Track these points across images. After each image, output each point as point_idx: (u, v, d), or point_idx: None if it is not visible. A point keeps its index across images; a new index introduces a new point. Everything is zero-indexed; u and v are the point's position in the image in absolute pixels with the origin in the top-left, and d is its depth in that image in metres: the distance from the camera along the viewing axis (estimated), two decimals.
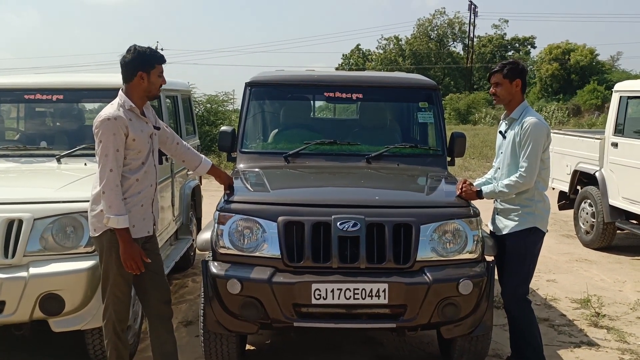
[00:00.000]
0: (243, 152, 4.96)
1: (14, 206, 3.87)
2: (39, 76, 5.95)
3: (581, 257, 7.57)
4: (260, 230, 3.70)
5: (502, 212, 4.05)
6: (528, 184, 3.86)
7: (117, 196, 3.39)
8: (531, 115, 3.92)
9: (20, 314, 3.73)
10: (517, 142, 3.90)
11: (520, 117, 3.95)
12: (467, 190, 3.98)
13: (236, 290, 3.59)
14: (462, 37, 55.84)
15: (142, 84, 3.52)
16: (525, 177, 3.83)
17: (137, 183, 3.52)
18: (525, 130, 3.85)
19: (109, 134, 3.38)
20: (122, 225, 3.39)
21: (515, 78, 3.95)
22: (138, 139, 3.49)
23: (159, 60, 3.58)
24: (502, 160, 4.04)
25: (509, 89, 3.97)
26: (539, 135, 3.85)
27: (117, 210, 3.37)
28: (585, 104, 38.20)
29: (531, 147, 3.82)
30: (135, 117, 3.52)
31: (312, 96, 5.67)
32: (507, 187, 3.90)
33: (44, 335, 4.20)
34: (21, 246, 3.76)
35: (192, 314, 5.26)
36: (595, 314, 5.39)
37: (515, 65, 4.00)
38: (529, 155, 3.83)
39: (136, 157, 3.51)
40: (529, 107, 4.01)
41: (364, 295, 3.57)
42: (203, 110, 18.23)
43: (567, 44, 43.24)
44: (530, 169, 3.83)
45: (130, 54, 3.52)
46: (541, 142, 3.86)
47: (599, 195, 7.69)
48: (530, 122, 3.85)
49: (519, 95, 4.00)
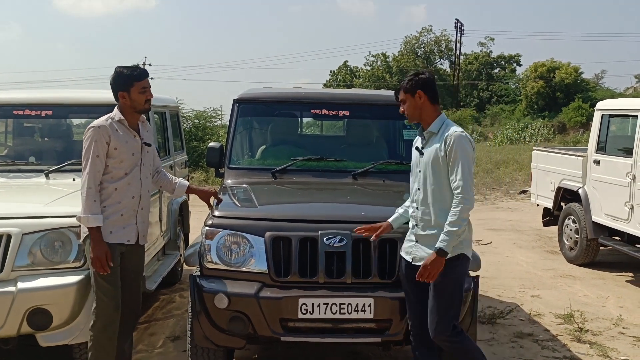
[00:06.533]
0: (231, 168, 5.01)
1: (2, 221, 3.90)
2: (28, 92, 5.99)
3: (565, 273, 7.65)
4: (248, 245, 3.75)
5: (422, 239, 3.54)
6: (471, 203, 3.42)
7: (90, 197, 3.59)
8: (453, 127, 3.53)
9: (7, 329, 3.74)
10: (440, 158, 3.48)
11: (440, 131, 3.55)
12: (381, 231, 3.67)
13: (224, 304, 3.63)
14: (448, 55, 56.29)
15: (126, 102, 3.75)
16: (467, 198, 3.39)
17: (115, 192, 3.68)
18: (450, 145, 3.44)
19: (91, 141, 3.64)
20: (91, 223, 3.59)
21: (416, 90, 3.57)
22: (120, 148, 3.68)
23: (137, 78, 3.74)
24: (422, 181, 3.58)
25: (414, 103, 3.59)
26: (467, 149, 3.47)
27: (89, 210, 3.58)
28: (570, 121, 38.62)
29: (461, 164, 3.42)
30: (123, 128, 3.73)
31: (300, 113, 5.74)
32: (455, 223, 3.37)
33: (32, 350, 4.19)
34: (9, 261, 3.79)
35: (179, 329, 5.27)
36: (579, 329, 5.46)
37: (415, 76, 3.62)
38: (462, 172, 3.41)
39: (118, 166, 3.68)
40: (448, 120, 3.62)
41: (350, 310, 3.62)
42: (191, 125, 18.27)
43: (552, 62, 43.76)
44: (468, 187, 3.41)
45: (112, 76, 3.76)
46: (470, 155, 3.49)
47: (582, 212, 7.79)
48: (455, 136, 3.46)
49: (428, 107, 3.59)
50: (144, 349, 4.87)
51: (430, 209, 3.52)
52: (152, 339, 5.08)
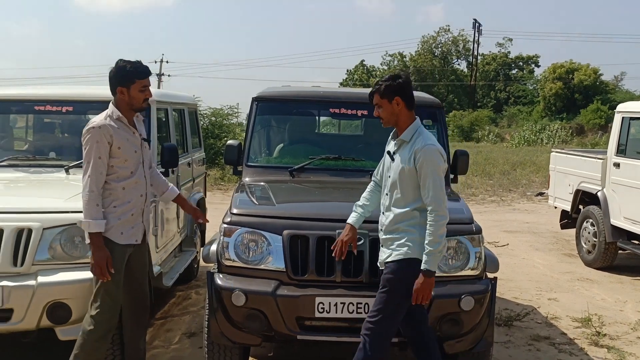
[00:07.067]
0: (249, 166, 5.03)
1: (23, 215, 3.94)
2: (49, 87, 6.03)
3: (582, 277, 7.59)
4: (265, 243, 3.76)
5: (384, 242, 3.49)
6: (445, 217, 3.31)
7: (92, 201, 3.48)
8: (424, 139, 3.38)
9: (27, 322, 3.78)
10: (407, 170, 3.37)
11: (411, 140, 3.41)
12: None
13: (241, 302, 3.64)
14: (466, 55, 56.08)
15: (124, 98, 3.62)
16: (440, 214, 3.29)
17: (124, 192, 3.60)
18: (419, 160, 3.32)
19: (93, 142, 3.51)
20: (93, 229, 3.48)
21: (393, 96, 3.41)
22: (123, 147, 3.59)
23: (140, 76, 3.61)
24: (390, 187, 3.48)
25: (390, 109, 3.43)
26: (437, 162, 3.33)
27: (91, 214, 3.47)
28: (589, 124, 38.32)
29: (432, 179, 3.30)
30: (123, 126, 3.63)
31: (317, 112, 5.74)
32: (433, 242, 3.28)
33: (50, 343, 4.23)
34: (30, 255, 3.82)
35: (195, 326, 5.30)
36: (596, 333, 5.42)
37: (392, 81, 3.43)
38: (434, 188, 3.30)
39: (123, 165, 3.60)
40: (422, 127, 3.47)
41: (366, 309, 3.61)
42: (208, 123, 18.32)
43: (571, 63, 43.46)
44: (440, 202, 3.30)
45: (113, 69, 3.61)
46: (441, 168, 3.36)
47: (600, 215, 7.72)
48: (424, 151, 3.32)
49: (404, 114, 3.44)
50: (160, 344, 4.91)
51: (392, 215, 3.45)
52: (169, 335, 5.11)
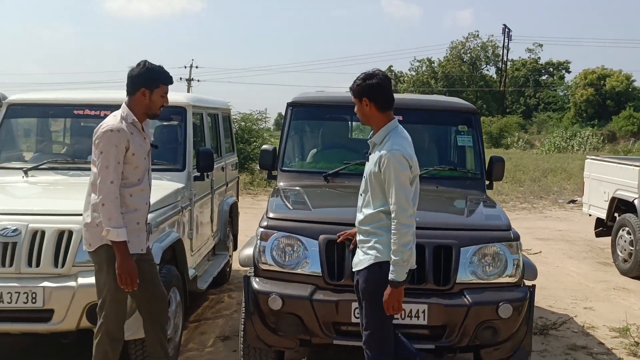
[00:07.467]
0: (284, 171, 5.05)
1: (64, 217, 4.00)
2: (87, 92, 6.14)
3: (618, 286, 7.45)
4: (302, 247, 3.77)
5: (359, 244, 3.39)
6: (407, 225, 3.15)
7: (117, 208, 3.40)
8: (392, 143, 3.23)
9: (67, 323, 3.83)
10: (374, 174, 3.26)
11: (382, 143, 3.28)
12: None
13: (277, 306, 3.65)
14: (495, 61, 55.62)
15: (144, 101, 3.54)
16: (402, 222, 3.14)
17: (131, 199, 3.52)
18: (384, 165, 3.20)
19: (111, 146, 3.40)
20: (121, 238, 3.39)
21: (362, 97, 3.30)
22: (137, 153, 3.52)
23: (165, 81, 3.58)
24: (363, 187, 3.39)
25: (361, 109, 3.33)
26: (400, 169, 3.18)
27: (117, 222, 3.38)
28: (621, 130, 37.72)
29: (394, 187, 3.16)
30: (136, 131, 3.56)
31: (350, 117, 5.74)
32: (397, 252, 3.14)
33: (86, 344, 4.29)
34: (71, 256, 3.87)
35: (229, 329, 5.33)
36: (635, 344, 5.31)
37: (362, 81, 3.30)
38: (396, 195, 3.16)
39: (133, 172, 3.53)
40: (395, 130, 3.31)
41: (403, 316, 3.60)
42: (237, 128, 18.44)
43: (603, 69, 42.86)
44: (401, 208, 3.15)
45: (138, 68, 3.54)
46: (406, 175, 3.20)
47: (637, 223, 7.58)
48: (387, 157, 3.18)
49: (375, 115, 3.31)
50: (194, 347, 4.94)
51: (362, 216, 3.37)
52: (202, 338, 5.14)
